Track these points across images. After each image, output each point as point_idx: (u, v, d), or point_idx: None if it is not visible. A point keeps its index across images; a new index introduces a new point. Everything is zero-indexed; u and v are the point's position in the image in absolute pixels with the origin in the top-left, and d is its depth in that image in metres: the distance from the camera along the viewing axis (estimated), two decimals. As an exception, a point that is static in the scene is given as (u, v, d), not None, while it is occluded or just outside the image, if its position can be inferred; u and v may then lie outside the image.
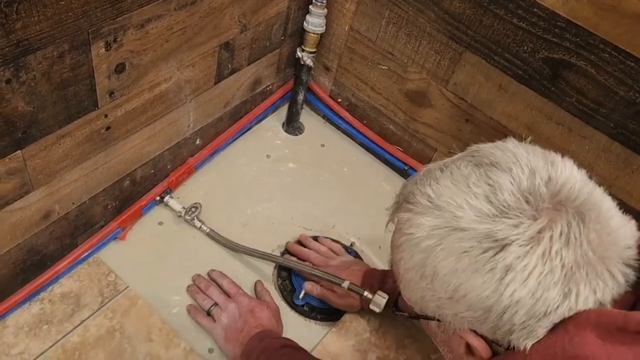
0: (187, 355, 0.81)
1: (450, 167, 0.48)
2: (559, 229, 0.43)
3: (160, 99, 0.81)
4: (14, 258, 0.76)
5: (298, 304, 0.90)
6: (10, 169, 0.65)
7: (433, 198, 0.47)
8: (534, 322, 0.43)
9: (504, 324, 0.44)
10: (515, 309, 0.43)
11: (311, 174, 1.10)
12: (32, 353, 0.77)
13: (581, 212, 0.44)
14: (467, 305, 0.45)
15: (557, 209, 0.43)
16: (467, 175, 0.46)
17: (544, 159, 0.47)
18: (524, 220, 0.43)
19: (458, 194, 0.45)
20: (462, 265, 0.44)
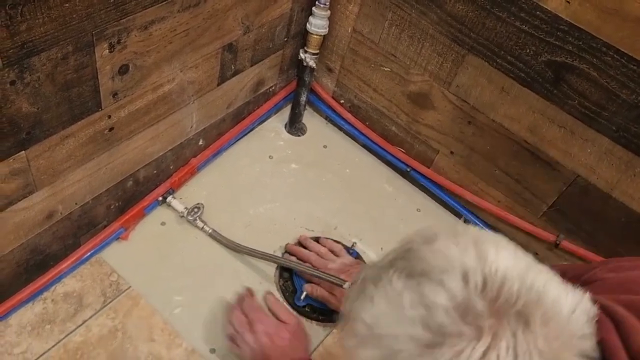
0: (189, 355, 0.82)
1: (383, 280, 0.46)
2: (505, 344, 0.40)
3: (164, 100, 0.82)
4: (17, 258, 0.76)
5: (299, 305, 0.90)
6: (14, 169, 0.65)
7: (371, 326, 0.45)
8: None
9: None
10: None
11: (313, 175, 1.10)
12: (35, 352, 0.77)
13: (525, 315, 0.41)
14: None
15: (499, 319, 0.41)
16: (400, 292, 0.44)
17: (476, 254, 0.44)
18: (465, 344, 0.40)
19: (394, 322, 0.43)
20: None
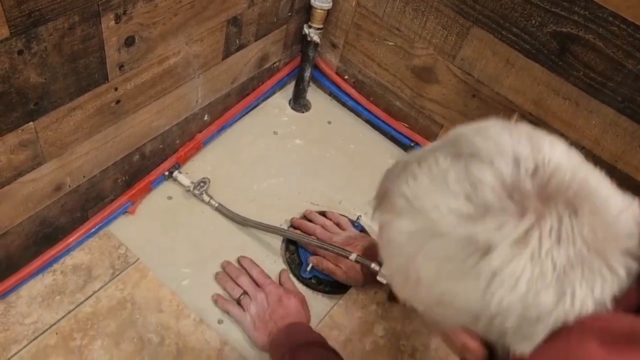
0: (197, 325, 0.83)
1: (428, 160, 0.44)
2: (548, 226, 0.39)
3: (169, 74, 0.82)
4: (27, 230, 0.77)
5: (305, 277, 0.91)
6: (22, 140, 0.66)
7: (410, 200, 0.43)
8: (528, 327, 0.40)
9: (495, 328, 0.41)
10: (505, 315, 0.40)
11: (318, 150, 1.11)
12: (46, 322, 0.79)
13: (573, 204, 0.40)
14: (455, 311, 0.43)
15: (546, 203, 0.39)
16: (445, 170, 0.42)
17: (530, 144, 0.42)
18: (508, 219, 0.39)
19: (436, 195, 0.42)
20: (445, 272, 0.41)
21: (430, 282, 0.43)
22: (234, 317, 0.84)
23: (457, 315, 0.43)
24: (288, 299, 0.84)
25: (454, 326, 0.45)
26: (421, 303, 0.46)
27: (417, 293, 0.45)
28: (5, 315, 0.78)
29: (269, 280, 0.87)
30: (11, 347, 0.75)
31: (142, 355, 0.79)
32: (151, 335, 0.81)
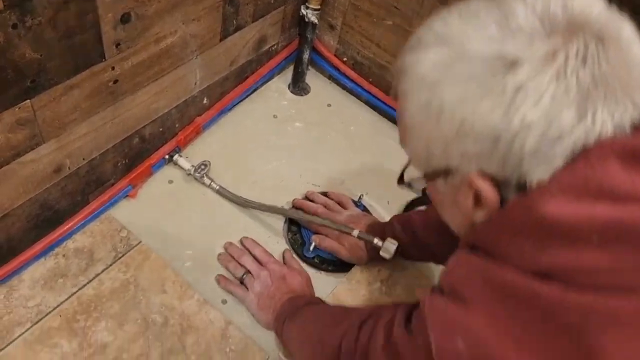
0: (201, 306, 0.83)
1: (459, 6, 0.45)
2: (575, 48, 0.40)
3: (167, 54, 0.81)
4: (27, 212, 0.77)
5: (308, 257, 0.91)
6: (20, 118, 0.65)
7: (439, 33, 0.43)
8: (547, 148, 0.40)
9: (513, 156, 0.41)
10: (526, 133, 0.40)
11: (318, 133, 1.10)
12: (49, 305, 0.78)
13: (600, 36, 0.40)
14: (474, 139, 0.42)
15: (574, 31, 0.40)
16: (477, 9, 0.43)
17: None
18: (537, 39, 0.40)
19: (466, 25, 0.42)
20: (470, 92, 0.41)
21: (453, 107, 0.42)
22: (237, 297, 0.84)
23: (475, 146, 0.42)
24: (292, 277, 0.84)
25: (469, 169, 0.44)
26: (440, 144, 0.45)
27: (437, 129, 0.44)
28: (7, 298, 0.78)
29: (272, 258, 0.87)
30: (15, 329, 0.75)
31: (146, 336, 0.78)
32: (155, 316, 0.80)
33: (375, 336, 0.52)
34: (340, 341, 0.59)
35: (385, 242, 0.82)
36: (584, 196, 0.39)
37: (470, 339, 0.41)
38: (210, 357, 0.78)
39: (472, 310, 0.42)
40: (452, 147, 0.44)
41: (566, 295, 0.38)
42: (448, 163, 0.45)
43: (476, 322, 0.41)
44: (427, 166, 0.48)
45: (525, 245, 0.42)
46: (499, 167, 0.42)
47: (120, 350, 0.76)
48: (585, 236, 0.39)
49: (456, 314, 0.43)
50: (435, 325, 0.43)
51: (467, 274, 0.45)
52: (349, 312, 0.64)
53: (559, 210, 0.40)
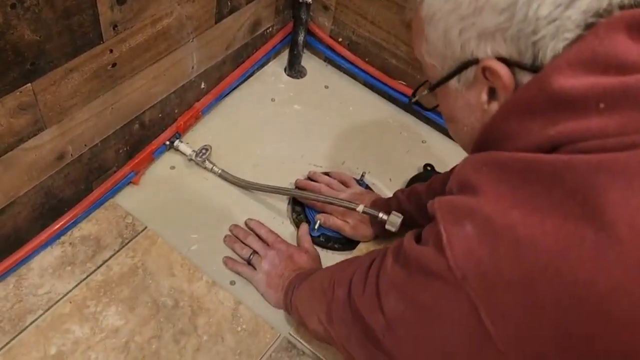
0: (210, 287, 0.83)
1: None
2: None
3: (163, 36, 0.81)
4: (33, 201, 0.77)
5: (314, 236, 0.91)
6: (22, 103, 0.65)
7: None
8: (561, 12, 0.41)
9: (528, 23, 0.42)
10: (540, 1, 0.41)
11: (317, 115, 1.11)
12: (59, 292, 0.78)
13: None
14: (491, 10, 0.43)
15: None
16: None
17: None
18: None
19: None
20: None
21: None
22: (246, 277, 0.84)
23: (493, 19, 0.43)
24: (299, 255, 0.84)
25: (485, 53, 0.45)
26: (457, 25, 0.46)
27: (454, 11, 0.45)
28: (17, 287, 0.78)
29: (278, 238, 0.87)
30: (26, 317, 0.75)
31: (157, 318, 0.78)
32: (165, 299, 0.80)
33: (385, 261, 0.52)
34: (351, 277, 0.58)
35: (390, 216, 0.83)
36: (591, 68, 0.40)
37: (477, 219, 0.41)
38: (222, 337, 0.78)
39: (479, 195, 0.42)
40: (469, 28, 0.45)
41: (572, 158, 0.39)
42: (464, 52, 0.46)
43: (483, 203, 0.42)
44: (442, 66, 0.49)
45: (533, 124, 0.42)
46: (514, 44, 0.43)
47: (132, 333, 0.77)
48: (593, 104, 0.40)
49: (464, 201, 0.43)
50: (444, 217, 0.43)
51: (473, 167, 0.45)
52: (357, 257, 0.65)
53: (566, 83, 0.41)
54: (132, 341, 0.76)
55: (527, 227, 0.39)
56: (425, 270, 0.45)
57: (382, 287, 0.51)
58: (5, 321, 0.74)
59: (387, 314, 0.50)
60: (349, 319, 0.57)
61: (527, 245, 0.39)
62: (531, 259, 0.39)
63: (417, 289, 0.46)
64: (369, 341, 0.54)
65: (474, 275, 0.41)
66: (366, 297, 0.54)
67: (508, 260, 0.40)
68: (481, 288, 0.41)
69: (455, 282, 0.41)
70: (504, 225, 0.40)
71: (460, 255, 0.42)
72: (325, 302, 0.63)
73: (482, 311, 0.41)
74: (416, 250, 0.47)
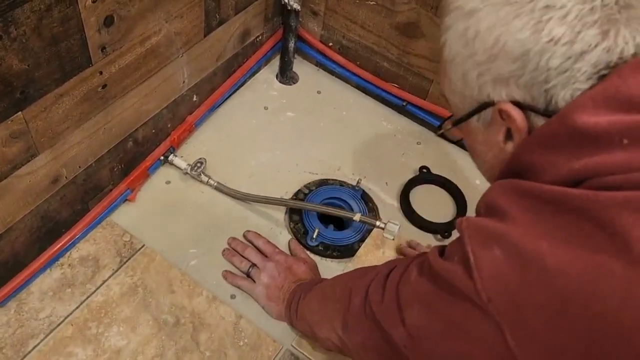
0: (210, 302, 0.83)
1: None
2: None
3: (153, 54, 0.81)
4: (29, 225, 0.77)
5: (312, 245, 0.91)
6: (13, 131, 0.65)
7: None
8: (571, 64, 0.43)
9: (540, 72, 0.44)
10: (552, 49, 0.43)
11: (310, 121, 1.10)
12: (60, 315, 0.79)
13: None
14: (505, 58, 0.46)
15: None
16: None
17: None
18: None
19: None
20: (503, 14, 0.45)
21: (487, 30, 0.46)
22: (246, 290, 0.85)
23: (506, 66, 0.46)
24: (298, 266, 0.84)
25: (500, 97, 0.47)
26: (474, 70, 0.48)
27: (472, 54, 0.48)
28: (18, 312, 0.78)
29: (277, 249, 0.87)
30: (29, 342, 0.75)
31: (159, 337, 0.79)
32: (166, 316, 0.81)
33: (408, 272, 0.53)
34: (368, 285, 0.59)
35: (388, 224, 0.83)
36: (614, 106, 0.42)
37: (506, 245, 0.43)
38: (225, 353, 0.79)
39: (508, 220, 0.44)
40: (485, 73, 0.48)
41: (599, 195, 0.40)
42: (481, 94, 0.49)
43: (511, 229, 0.43)
44: (463, 105, 0.52)
45: (558, 158, 0.44)
46: (527, 91, 0.46)
47: (134, 353, 0.77)
48: (616, 140, 0.41)
49: (492, 225, 0.45)
50: (472, 239, 0.44)
51: (503, 192, 0.46)
52: (374, 267, 0.65)
53: (589, 120, 0.42)
54: (135, 361, 0.76)
55: (555, 257, 0.40)
56: (452, 288, 0.46)
57: (404, 298, 0.53)
58: (8, 347, 0.75)
59: (409, 326, 0.51)
60: (366, 328, 0.58)
61: (556, 272, 0.40)
62: (560, 285, 0.40)
63: (443, 304, 0.47)
64: (387, 348, 0.55)
65: (501, 298, 0.42)
66: (385, 306, 0.55)
67: (537, 285, 0.41)
68: (508, 311, 0.42)
69: (482, 304, 0.43)
70: (532, 252, 0.41)
71: (487, 278, 0.43)
72: (341, 310, 0.63)
73: (507, 333, 0.42)
74: (443, 266, 0.48)
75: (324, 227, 0.94)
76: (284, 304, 0.81)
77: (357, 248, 0.92)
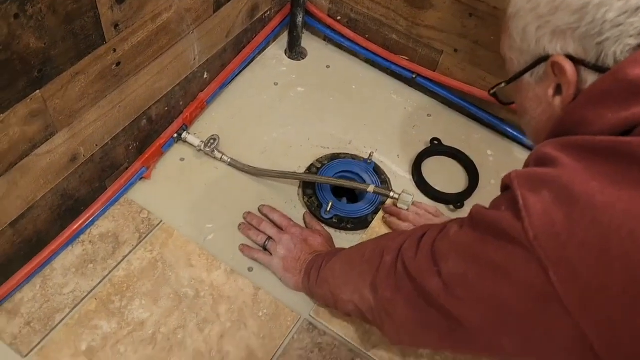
0: (229, 275, 0.85)
1: None
2: None
3: (164, 31, 0.81)
4: (50, 203, 0.78)
5: (326, 218, 0.92)
6: (32, 110, 0.66)
7: None
8: (626, 18, 0.46)
9: (596, 24, 0.47)
10: (611, 3, 0.47)
11: (320, 95, 1.11)
12: (83, 290, 0.81)
13: None
14: (564, 11, 0.49)
15: None
16: None
17: None
18: None
19: None
20: None
21: None
22: (263, 263, 0.86)
23: (565, 18, 0.49)
24: (314, 238, 0.85)
25: (555, 49, 0.51)
26: (535, 24, 0.52)
27: (533, 11, 0.52)
28: (43, 287, 0.80)
29: (292, 222, 0.89)
30: (55, 316, 0.78)
31: (180, 309, 0.81)
32: (186, 290, 0.83)
33: (446, 230, 0.56)
34: (401, 244, 0.61)
35: (402, 194, 0.84)
36: None
37: (555, 186, 0.45)
38: (245, 323, 0.81)
39: (559, 166, 0.46)
40: (544, 25, 0.51)
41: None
42: (538, 47, 0.53)
43: (562, 173, 0.45)
44: (519, 61, 0.56)
45: (607, 111, 0.46)
46: (581, 43, 0.49)
47: (157, 324, 0.79)
48: None
49: (542, 172, 0.47)
50: (521, 185, 0.46)
51: (553, 145, 0.48)
52: (406, 231, 0.68)
53: None
54: (158, 332, 0.78)
55: (604, 195, 0.42)
56: (497, 232, 0.48)
57: (440, 252, 0.55)
58: (36, 321, 0.77)
59: (446, 275, 0.53)
60: (397, 281, 0.60)
61: (604, 208, 0.42)
62: (606, 221, 0.42)
63: (485, 248, 0.49)
64: (420, 300, 0.57)
65: (547, 235, 0.44)
66: (419, 261, 0.57)
67: (583, 222, 0.42)
68: (552, 248, 0.44)
69: (527, 243, 0.44)
70: (582, 191, 0.43)
71: (535, 217, 0.44)
72: (369, 271, 0.66)
73: (550, 270, 0.44)
74: (488, 213, 0.50)
75: (337, 201, 0.95)
76: (301, 274, 0.82)
77: (371, 220, 0.93)
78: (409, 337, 0.63)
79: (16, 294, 0.79)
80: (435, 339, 0.59)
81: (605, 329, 0.43)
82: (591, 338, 0.43)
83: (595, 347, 0.44)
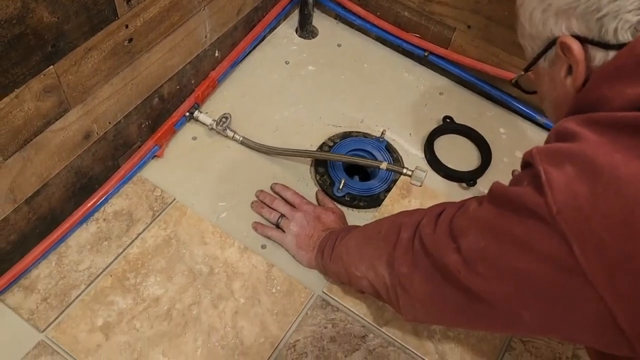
0: (242, 252, 0.85)
1: None
2: None
3: (175, 7, 0.81)
4: (65, 180, 0.79)
5: (339, 196, 0.92)
6: (46, 85, 0.66)
7: None
8: None
9: (593, 2, 0.48)
10: None
11: (332, 74, 1.10)
12: (98, 267, 0.81)
13: None
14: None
15: None
16: None
17: None
18: None
19: None
20: None
21: None
22: (276, 240, 0.86)
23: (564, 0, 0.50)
24: (326, 215, 0.85)
25: (560, 31, 0.51)
26: (542, 11, 0.52)
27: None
28: (59, 264, 0.81)
29: (304, 200, 0.89)
30: (71, 292, 0.78)
31: (195, 285, 0.81)
32: (200, 267, 0.83)
33: (466, 206, 0.55)
34: (419, 221, 0.61)
35: (415, 171, 0.84)
36: None
37: (578, 160, 0.44)
38: (259, 299, 0.81)
39: (581, 141, 0.45)
40: (547, 8, 0.52)
41: None
42: (545, 30, 0.53)
43: (584, 147, 0.45)
44: (533, 48, 0.56)
45: (625, 87, 0.46)
46: (583, 21, 0.49)
47: (172, 301, 0.80)
48: None
49: (565, 146, 0.46)
50: (544, 160, 0.46)
51: (574, 121, 0.48)
52: (422, 208, 0.67)
53: None
54: (173, 308, 0.79)
55: (629, 167, 0.42)
56: (519, 207, 0.47)
57: (459, 228, 0.55)
58: (52, 297, 0.78)
59: (465, 252, 0.53)
60: (415, 258, 0.60)
61: (628, 181, 0.42)
62: (630, 194, 0.41)
63: (507, 223, 0.49)
64: (438, 276, 0.57)
65: (570, 209, 0.43)
66: (437, 237, 0.57)
67: (607, 195, 0.42)
68: (576, 222, 0.43)
69: (550, 217, 0.44)
70: (605, 164, 0.43)
71: (558, 191, 0.44)
72: (385, 247, 0.66)
73: (574, 244, 0.43)
74: (510, 189, 0.49)
75: (349, 179, 0.95)
76: (314, 251, 0.82)
77: (383, 198, 0.93)
78: (425, 313, 0.63)
79: (32, 271, 0.79)
80: (452, 315, 0.59)
81: (630, 302, 0.43)
82: (615, 312, 0.43)
83: (619, 320, 0.43)
